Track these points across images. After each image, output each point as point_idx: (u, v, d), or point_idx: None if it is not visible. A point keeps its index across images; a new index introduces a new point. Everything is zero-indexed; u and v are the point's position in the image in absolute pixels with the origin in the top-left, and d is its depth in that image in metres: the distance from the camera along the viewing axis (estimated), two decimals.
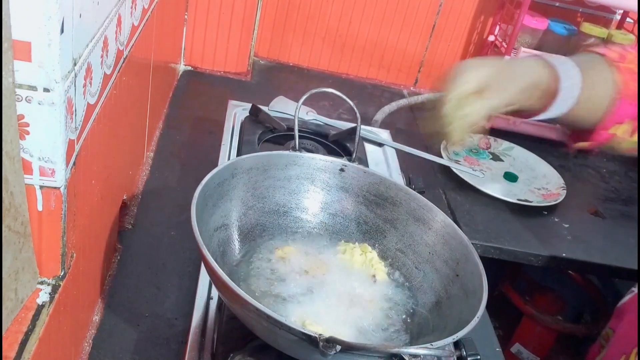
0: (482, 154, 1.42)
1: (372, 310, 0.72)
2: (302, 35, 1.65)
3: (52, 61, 0.48)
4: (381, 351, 0.58)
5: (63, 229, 0.57)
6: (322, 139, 1.13)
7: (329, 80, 1.67)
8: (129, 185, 0.97)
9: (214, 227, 0.73)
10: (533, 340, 1.36)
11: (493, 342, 0.90)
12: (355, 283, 0.75)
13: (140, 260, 0.91)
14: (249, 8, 1.45)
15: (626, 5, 1.42)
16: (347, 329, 0.68)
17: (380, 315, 0.72)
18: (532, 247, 1.15)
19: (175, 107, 1.34)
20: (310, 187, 0.84)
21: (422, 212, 0.79)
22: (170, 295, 0.86)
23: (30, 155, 0.51)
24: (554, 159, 1.46)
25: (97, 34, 0.60)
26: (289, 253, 0.77)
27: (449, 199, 1.22)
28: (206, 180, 0.70)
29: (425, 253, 0.78)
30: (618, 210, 1.36)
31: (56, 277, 0.59)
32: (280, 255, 0.77)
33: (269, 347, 0.63)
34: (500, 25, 1.58)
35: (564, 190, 1.31)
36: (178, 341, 0.79)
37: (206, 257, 0.58)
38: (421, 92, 1.72)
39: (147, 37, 0.92)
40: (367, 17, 1.63)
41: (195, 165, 1.17)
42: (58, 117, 0.50)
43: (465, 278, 0.71)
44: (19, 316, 0.55)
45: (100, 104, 0.65)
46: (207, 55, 1.52)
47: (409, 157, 1.22)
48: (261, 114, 1.13)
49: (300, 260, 0.77)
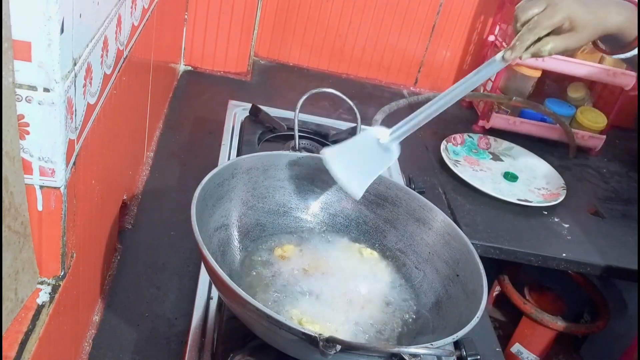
0: (482, 154, 1.42)
1: (372, 310, 0.72)
2: (302, 35, 1.65)
3: (52, 61, 0.48)
4: (381, 351, 0.58)
5: (63, 229, 0.57)
6: (322, 139, 1.13)
7: (329, 80, 1.67)
8: (129, 185, 0.97)
9: (214, 227, 0.73)
10: (533, 340, 1.36)
11: (493, 342, 0.90)
12: (355, 283, 0.75)
13: (140, 260, 0.91)
14: (249, 8, 1.45)
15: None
16: (346, 329, 0.68)
17: (380, 315, 0.72)
18: (532, 247, 1.15)
19: (175, 107, 1.34)
20: (310, 187, 0.84)
21: (422, 212, 0.79)
22: (170, 295, 0.86)
23: (30, 155, 0.51)
24: (554, 159, 1.46)
25: (97, 34, 0.60)
26: (288, 251, 0.77)
27: (449, 199, 1.22)
28: (206, 180, 0.70)
29: (425, 253, 0.78)
30: (618, 210, 1.36)
31: (56, 277, 0.59)
32: (280, 254, 0.77)
33: (268, 347, 0.63)
34: (500, 25, 1.58)
35: (564, 190, 1.31)
36: (178, 341, 0.79)
37: (206, 257, 0.58)
38: (421, 92, 1.72)
39: (147, 37, 0.92)
40: (367, 17, 1.63)
41: (195, 165, 1.17)
42: (58, 117, 0.50)
43: (465, 278, 0.71)
44: (19, 316, 0.55)
45: (100, 104, 0.65)
46: (207, 55, 1.52)
47: (408, 157, 1.21)
48: (261, 114, 1.13)
49: (300, 260, 0.77)
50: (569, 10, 0.75)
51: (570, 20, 0.75)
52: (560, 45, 0.76)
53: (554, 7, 0.75)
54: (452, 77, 1.74)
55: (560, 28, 0.75)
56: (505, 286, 1.37)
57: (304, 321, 0.67)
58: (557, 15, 0.75)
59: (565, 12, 0.75)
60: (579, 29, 0.75)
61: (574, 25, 0.75)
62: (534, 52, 0.76)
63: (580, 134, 1.53)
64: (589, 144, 1.56)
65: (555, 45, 0.76)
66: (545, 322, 1.31)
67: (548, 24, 0.75)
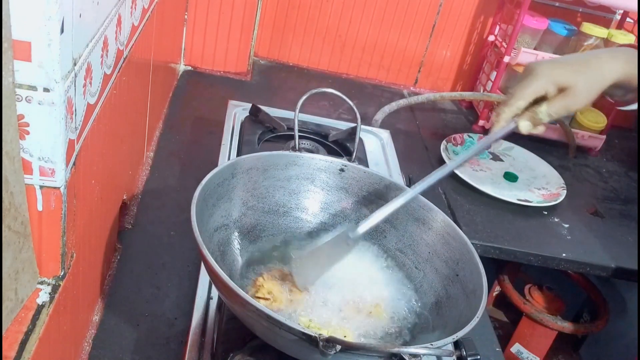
0: (482, 154, 1.42)
1: (372, 310, 0.72)
2: (302, 35, 1.65)
3: (52, 61, 0.48)
4: (381, 351, 0.58)
5: (63, 229, 0.57)
6: (322, 139, 1.13)
7: (329, 80, 1.67)
8: (129, 185, 0.97)
9: (214, 227, 0.73)
10: (533, 340, 1.36)
11: (493, 342, 0.90)
12: (354, 282, 0.75)
13: (140, 260, 0.91)
14: (249, 8, 1.45)
15: (626, 5, 1.42)
16: (346, 329, 0.68)
17: (380, 315, 0.72)
18: (531, 247, 1.15)
19: (175, 107, 1.34)
20: (310, 187, 0.84)
21: (422, 212, 0.79)
22: (170, 295, 0.86)
23: (30, 155, 0.51)
24: (554, 159, 1.46)
25: (97, 34, 0.60)
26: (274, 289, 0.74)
27: (449, 199, 1.22)
28: (206, 180, 0.70)
29: (425, 253, 0.78)
30: (617, 210, 1.36)
31: (56, 277, 0.59)
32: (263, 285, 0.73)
33: (268, 347, 0.63)
34: (500, 25, 1.58)
35: (564, 190, 1.31)
36: (178, 341, 0.79)
37: (206, 257, 0.58)
38: (421, 92, 1.72)
39: (147, 37, 0.92)
40: (367, 17, 1.63)
41: (195, 165, 1.17)
42: (58, 117, 0.50)
43: (465, 278, 0.71)
44: (19, 316, 0.55)
45: (100, 104, 0.65)
46: (207, 55, 1.52)
47: (408, 157, 1.22)
48: (261, 114, 1.13)
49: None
50: (548, 76, 0.71)
51: (556, 85, 0.71)
52: (558, 109, 0.72)
53: (530, 76, 0.72)
54: (452, 77, 1.74)
55: (547, 94, 0.71)
56: (505, 286, 1.37)
57: (304, 321, 0.67)
58: (532, 85, 0.71)
59: (544, 79, 0.71)
60: (572, 90, 0.71)
61: (564, 88, 0.71)
62: (531, 117, 0.73)
63: (580, 134, 1.53)
64: (588, 144, 1.56)
65: (550, 109, 0.72)
66: (545, 322, 1.31)
67: (522, 95, 0.72)
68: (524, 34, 1.46)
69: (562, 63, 0.73)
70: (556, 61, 0.74)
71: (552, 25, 1.46)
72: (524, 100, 0.72)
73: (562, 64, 0.73)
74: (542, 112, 0.72)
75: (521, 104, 0.72)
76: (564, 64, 0.73)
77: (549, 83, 0.71)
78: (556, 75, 0.71)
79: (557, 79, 0.71)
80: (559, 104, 0.72)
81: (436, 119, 1.60)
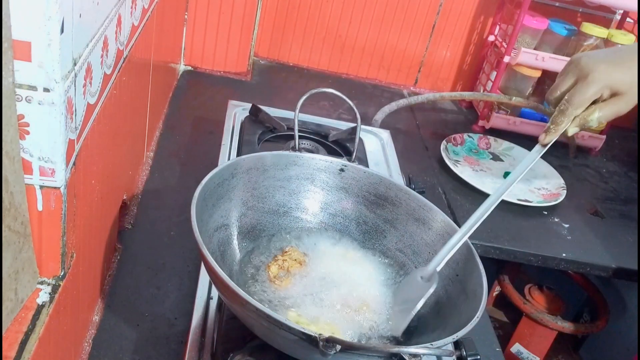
0: (482, 154, 1.42)
1: (372, 310, 0.72)
2: (302, 35, 1.65)
3: (52, 61, 0.48)
4: (381, 351, 0.58)
5: (63, 229, 0.57)
6: (322, 139, 1.13)
7: (329, 80, 1.67)
8: (129, 185, 0.97)
9: (214, 227, 0.73)
10: (533, 340, 1.36)
11: (493, 342, 0.90)
12: (354, 283, 0.75)
13: (140, 260, 0.91)
14: (249, 8, 1.45)
15: (626, 5, 1.42)
16: (346, 329, 0.68)
17: (380, 315, 0.72)
18: (531, 247, 1.15)
19: (175, 107, 1.34)
20: (310, 187, 0.84)
21: (422, 212, 0.79)
22: (170, 295, 0.86)
23: (30, 155, 0.51)
24: (554, 159, 1.46)
25: (97, 34, 0.60)
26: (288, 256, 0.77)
27: (449, 199, 1.22)
28: (206, 180, 0.70)
29: (425, 253, 0.78)
30: (617, 210, 1.36)
31: (56, 277, 0.59)
32: (280, 262, 0.76)
33: (268, 347, 0.63)
34: (500, 25, 1.58)
35: (564, 190, 1.31)
36: (178, 341, 0.79)
37: (206, 257, 0.58)
38: (421, 92, 1.72)
39: (147, 37, 0.92)
40: (367, 17, 1.63)
41: (195, 165, 1.17)
42: (58, 117, 0.50)
43: (465, 278, 0.71)
44: (19, 316, 0.55)
45: (100, 104, 0.65)
46: (207, 55, 1.52)
47: (408, 157, 1.22)
48: (261, 114, 1.13)
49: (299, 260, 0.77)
50: (605, 79, 0.66)
51: (610, 88, 0.66)
52: (609, 113, 0.68)
53: (585, 80, 0.66)
54: (452, 77, 1.74)
55: (600, 97, 0.67)
56: (505, 286, 1.37)
57: (304, 321, 0.67)
58: (590, 89, 0.66)
59: (601, 82, 0.66)
60: (626, 95, 0.67)
61: (616, 90, 0.67)
62: (581, 124, 0.69)
63: (580, 134, 1.53)
64: (588, 144, 1.56)
65: (602, 115, 0.68)
66: (545, 322, 1.31)
67: (580, 101, 0.67)
68: (524, 34, 1.46)
69: (617, 64, 0.68)
70: (611, 61, 0.68)
71: (552, 25, 1.46)
72: (580, 108, 0.69)
73: (618, 65, 0.67)
74: (594, 119, 0.69)
75: (578, 112, 0.69)
76: (620, 65, 0.67)
77: (605, 88, 0.67)
78: (614, 81, 0.67)
79: (614, 84, 0.67)
80: (611, 110, 0.68)
81: (436, 119, 1.60)
